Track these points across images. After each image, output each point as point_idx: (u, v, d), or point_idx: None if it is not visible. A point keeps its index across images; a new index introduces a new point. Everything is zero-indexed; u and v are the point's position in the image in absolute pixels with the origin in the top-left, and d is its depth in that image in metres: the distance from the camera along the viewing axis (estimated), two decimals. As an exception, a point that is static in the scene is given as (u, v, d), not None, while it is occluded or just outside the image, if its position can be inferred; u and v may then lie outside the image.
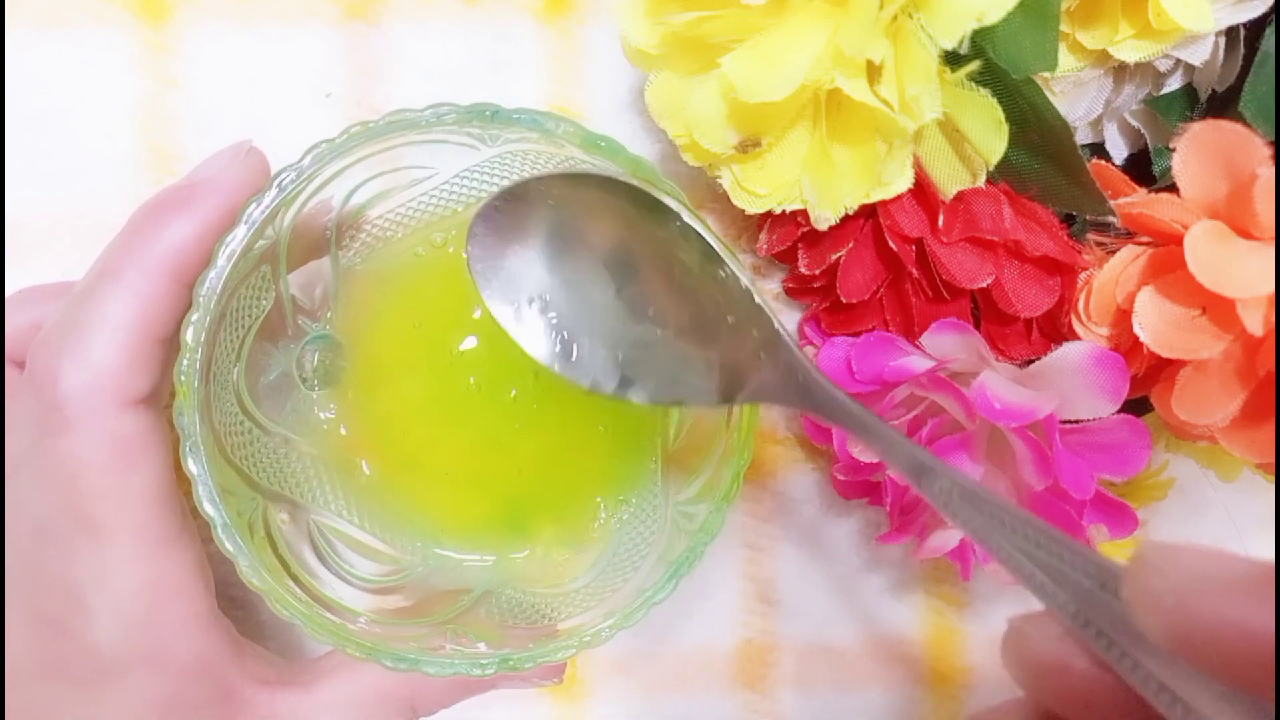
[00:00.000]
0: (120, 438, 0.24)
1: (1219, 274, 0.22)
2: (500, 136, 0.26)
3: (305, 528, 0.28)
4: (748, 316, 0.24)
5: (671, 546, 0.27)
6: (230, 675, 0.26)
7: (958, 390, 0.25)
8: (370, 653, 0.25)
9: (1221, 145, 0.23)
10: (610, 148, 0.25)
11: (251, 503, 0.27)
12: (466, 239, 0.26)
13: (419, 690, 0.28)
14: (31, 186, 0.31)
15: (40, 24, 0.31)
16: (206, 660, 0.26)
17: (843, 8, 0.23)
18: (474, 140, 0.27)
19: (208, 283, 0.24)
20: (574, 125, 0.25)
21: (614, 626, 0.26)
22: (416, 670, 0.25)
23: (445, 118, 0.25)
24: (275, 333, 0.28)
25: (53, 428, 0.24)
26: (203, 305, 0.24)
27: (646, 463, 0.30)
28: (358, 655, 0.25)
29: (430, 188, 0.28)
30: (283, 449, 0.28)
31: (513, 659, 0.26)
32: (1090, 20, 0.26)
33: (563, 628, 0.27)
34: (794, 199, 0.27)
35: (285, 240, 0.26)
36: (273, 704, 0.27)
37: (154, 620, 0.25)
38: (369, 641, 0.25)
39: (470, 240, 0.26)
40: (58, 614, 0.24)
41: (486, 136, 0.26)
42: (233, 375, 0.27)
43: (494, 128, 0.26)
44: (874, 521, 0.34)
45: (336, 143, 0.25)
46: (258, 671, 0.27)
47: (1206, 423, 0.24)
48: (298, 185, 0.25)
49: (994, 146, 0.25)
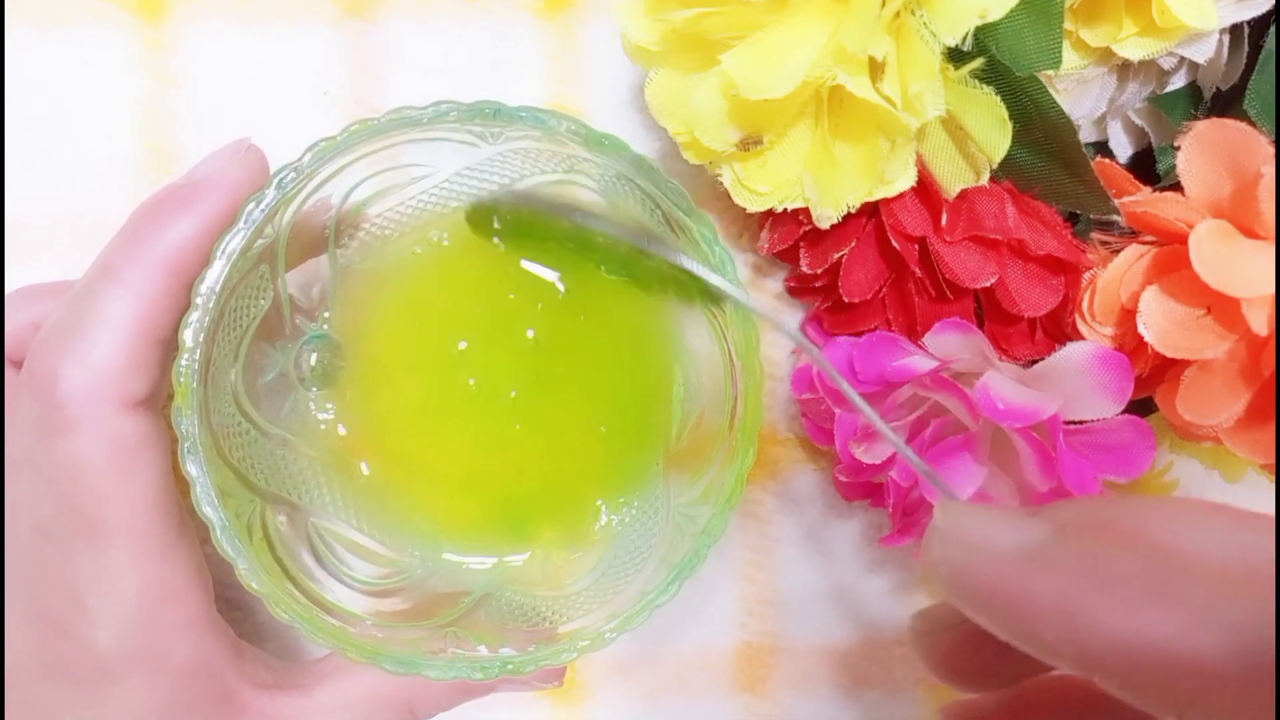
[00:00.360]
0: (120, 439, 0.24)
1: (1224, 273, 0.22)
2: (501, 134, 0.26)
3: (304, 530, 0.28)
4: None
5: (673, 549, 0.27)
6: (229, 678, 0.26)
7: (961, 390, 0.25)
8: (370, 656, 0.25)
9: (1226, 144, 0.23)
10: (613, 145, 0.25)
11: (250, 505, 0.27)
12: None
13: (418, 694, 0.28)
14: (31, 186, 0.31)
15: (40, 24, 0.31)
16: (205, 663, 0.26)
17: (845, 4, 0.23)
18: (474, 138, 0.27)
19: (206, 282, 0.24)
20: (576, 123, 0.25)
21: (615, 629, 0.26)
22: (417, 673, 0.25)
23: (447, 115, 0.25)
24: (273, 332, 0.28)
25: (53, 428, 0.24)
26: (201, 305, 0.24)
27: (648, 464, 0.30)
28: (357, 658, 0.25)
29: (429, 185, 0.28)
30: (280, 450, 0.28)
31: (514, 662, 0.25)
32: (1094, 18, 0.26)
33: (563, 630, 0.27)
34: (796, 197, 0.27)
35: (284, 239, 0.26)
36: (272, 707, 0.27)
37: (153, 623, 0.25)
38: (369, 644, 0.25)
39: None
40: (57, 614, 0.24)
41: (488, 134, 0.26)
42: (230, 376, 0.27)
43: (496, 125, 0.26)
44: (876, 523, 0.34)
45: (338, 140, 0.25)
46: (256, 675, 0.27)
47: (1211, 423, 0.24)
48: (298, 184, 0.25)
49: (997, 144, 0.25)
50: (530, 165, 0.28)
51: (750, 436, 0.26)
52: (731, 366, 0.27)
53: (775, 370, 0.33)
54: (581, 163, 0.27)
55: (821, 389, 0.28)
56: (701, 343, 0.28)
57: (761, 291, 0.33)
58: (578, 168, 0.28)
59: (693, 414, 0.29)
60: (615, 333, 0.29)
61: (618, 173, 0.26)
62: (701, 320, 0.28)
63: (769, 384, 0.33)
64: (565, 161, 0.27)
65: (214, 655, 0.26)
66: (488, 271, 0.28)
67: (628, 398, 0.29)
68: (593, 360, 0.29)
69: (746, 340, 0.26)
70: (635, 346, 0.29)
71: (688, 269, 0.25)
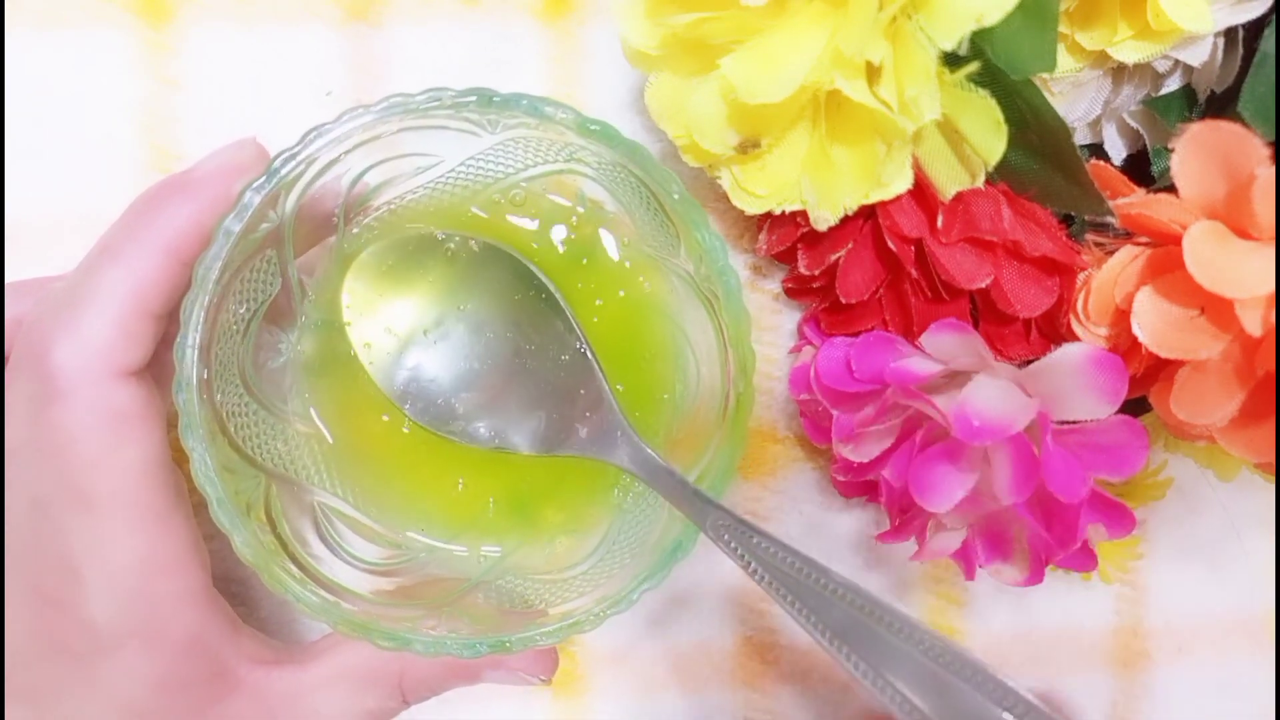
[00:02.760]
0: (112, 408, 0.24)
1: (1217, 274, 0.22)
2: (499, 122, 0.27)
3: (310, 509, 0.29)
4: (583, 377, 0.28)
5: (667, 536, 0.27)
6: (225, 653, 0.26)
7: (933, 404, 0.25)
8: (362, 630, 0.25)
9: (1220, 146, 0.23)
10: (603, 131, 0.25)
11: (253, 481, 0.27)
12: (347, 280, 0.28)
13: (408, 672, 0.28)
14: (33, 186, 0.31)
15: (40, 24, 0.31)
16: (201, 637, 0.26)
17: (842, 9, 0.23)
18: (474, 126, 0.27)
19: (205, 262, 0.25)
20: (567, 109, 0.25)
21: (605, 611, 0.26)
22: (406, 649, 0.25)
23: (440, 101, 0.25)
24: (282, 316, 0.28)
25: (45, 399, 0.24)
26: (199, 284, 0.24)
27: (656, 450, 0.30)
28: (348, 633, 0.25)
29: (436, 175, 0.29)
30: (287, 431, 0.29)
31: (506, 640, 0.26)
32: (1089, 21, 0.26)
33: (554, 612, 0.27)
34: (793, 200, 0.27)
35: (290, 225, 0.27)
36: (265, 681, 0.27)
37: (147, 594, 0.25)
38: (361, 620, 0.26)
39: (351, 278, 0.28)
40: (53, 589, 0.24)
41: (485, 122, 0.27)
42: (237, 356, 0.27)
43: (491, 112, 0.26)
44: (874, 520, 0.34)
45: (332, 126, 0.25)
46: (252, 650, 0.27)
47: (1205, 423, 0.24)
48: (295, 169, 0.25)
49: (993, 147, 0.25)
50: (533, 155, 0.28)
51: (740, 429, 0.27)
52: (726, 356, 0.27)
53: (774, 370, 0.33)
54: (580, 150, 0.28)
55: (819, 391, 0.28)
56: (701, 334, 0.29)
57: (760, 292, 0.33)
58: (576, 155, 0.28)
59: (692, 402, 0.30)
60: (624, 320, 0.30)
61: (613, 160, 0.27)
62: (701, 311, 0.28)
63: (768, 384, 0.33)
64: (564, 150, 0.28)
65: (210, 629, 0.26)
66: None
67: (636, 381, 0.30)
68: (601, 346, 0.29)
69: (737, 329, 0.26)
70: (645, 333, 0.30)
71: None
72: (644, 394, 0.30)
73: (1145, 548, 0.35)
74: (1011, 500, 0.25)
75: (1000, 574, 0.29)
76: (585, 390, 0.28)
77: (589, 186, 0.29)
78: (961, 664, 0.18)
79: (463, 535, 0.30)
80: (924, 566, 0.34)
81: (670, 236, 0.28)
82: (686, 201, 0.26)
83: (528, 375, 0.29)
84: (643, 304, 0.30)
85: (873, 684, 0.19)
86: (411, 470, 0.30)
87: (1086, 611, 0.35)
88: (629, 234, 0.29)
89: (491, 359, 0.29)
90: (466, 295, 0.29)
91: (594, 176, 0.28)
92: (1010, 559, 0.28)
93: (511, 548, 0.30)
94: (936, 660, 0.19)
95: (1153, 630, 0.35)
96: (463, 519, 0.30)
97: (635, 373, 0.30)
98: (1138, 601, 0.35)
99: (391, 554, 0.29)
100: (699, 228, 0.26)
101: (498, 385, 0.29)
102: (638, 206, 0.28)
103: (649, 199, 0.27)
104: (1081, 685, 0.35)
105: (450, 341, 0.29)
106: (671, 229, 0.27)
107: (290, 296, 0.28)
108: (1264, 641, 0.35)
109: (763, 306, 0.33)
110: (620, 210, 0.29)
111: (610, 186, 0.29)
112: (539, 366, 0.28)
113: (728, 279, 0.26)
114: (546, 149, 0.28)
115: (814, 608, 0.21)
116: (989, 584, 0.34)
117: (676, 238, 0.27)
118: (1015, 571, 0.28)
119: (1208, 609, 0.35)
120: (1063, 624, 0.35)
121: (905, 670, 0.19)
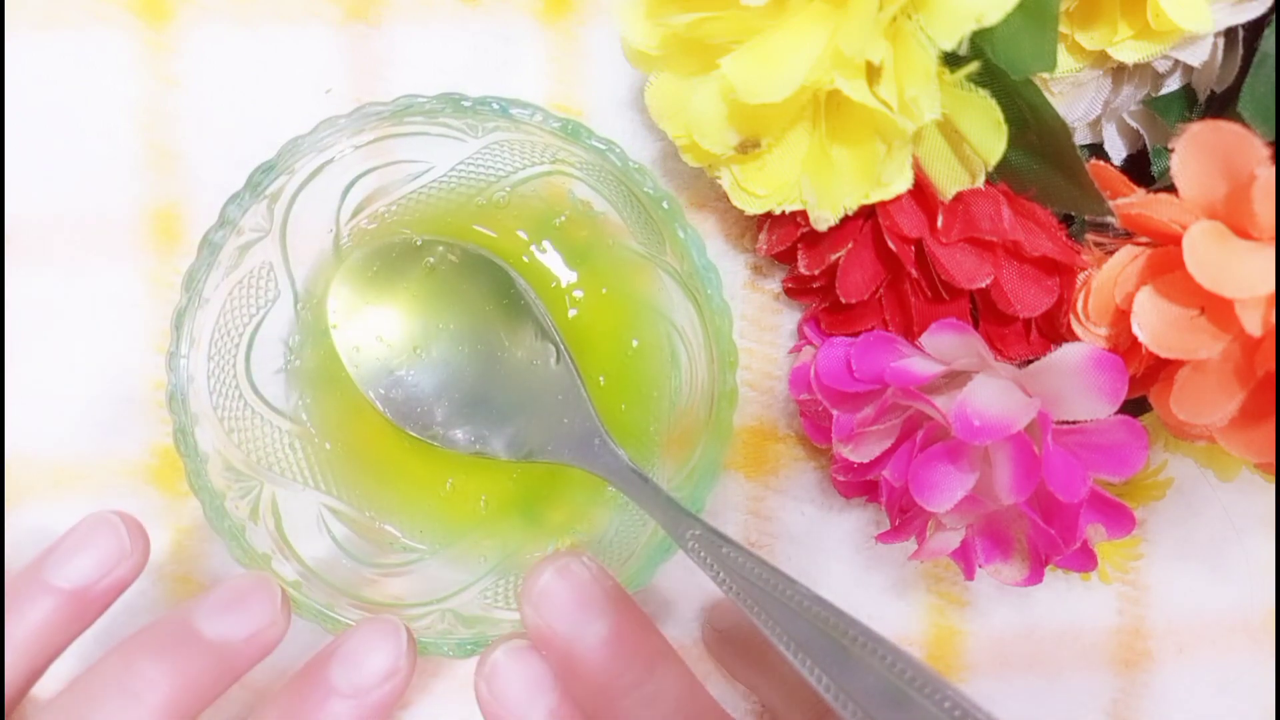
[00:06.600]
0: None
1: (1217, 274, 0.22)
2: (479, 126, 0.27)
3: (310, 511, 0.29)
4: (561, 384, 0.28)
5: (658, 532, 0.27)
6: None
7: (933, 404, 0.25)
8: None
9: (1220, 145, 0.23)
10: (573, 129, 0.26)
11: (253, 484, 0.27)
12: (332, 285, 0.28)
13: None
14: (32, 186, 0.31)
15: (40, 24, 0.31)
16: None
17: (842, 9, 0.23)
18: (457, 131, 0.27)
19: (193, 274, 0.25)
20: (539, 111, 0.26)
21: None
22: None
23: (412, 107, 0.25)
24: (282, 324, 0.28)
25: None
26: (190, 295, 0.25)
27: (650, 447, 0.30)
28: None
29: (428, 181, 0.29)
30: (288, 436, 0.29)
31: (489, 636, 0.26)
32: (1089, 21, 0.26)
33: None
34: (793, 199, 0.27)
35: (284, 235, 0.27)
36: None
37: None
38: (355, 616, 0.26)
39: (337, 284, 0.28)
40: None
41: (466, 127, 0.27)
42: (237, 363, 0.27)
43: (466, 116, 0.26)
44: (875, 520, 0.34)
45: (307, 137, 0.25)
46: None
47: (1205, 422, 0.24)
48: (271, 180, 0.25)
49: (993, 147, 0.25)
50: (520, 157, 0.28)
51: (724, 426, 0.27)
52: (713, 353, 0.27)
53: (774, 370, 0.33)
54: (561, 151, 0.28)
55: (819, 391, 0.28)
56: (693, 331, 0.29)
57: (760, 292, 0.33)
58: (560, 156, 0.28)
59: (687, 400, 0.30)
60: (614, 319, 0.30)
61: (592, 159, 0.27)
62: (691, 308, 0.28)
63: (768, 384, 0.33)
64: (548, 151, 0.28)
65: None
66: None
67: (627, 380, 0.30)
68: (591, 345, 0.29)
69: (719, 324, 0.26)
70: (635, 331, 0.30)
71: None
72: (635, 392, 0.30)
73: (1145, 548, 0.35)
74: (1012, 500, 0.25)
75: (1000, 574, 0.29)
76: (563, 397, 0.28)
77: (579, 188, 0.29)
78: (924, 680, 0.18)
79: (462, 536, 0.30)
80: (924, 566, 0.34)
81: (657, 234, 0.28)
82: (662, 196, 0.26)
83: (506, 382, 0.29)
84: (634, 302, 0.30)
85: (834, 698, 0.19)
86: (404, 471, 0.30)
87: (1087, 611, 0.35)
88: (619, 232, 0.29)
89: (471, 366, 0.29)
90: (447, 303, 0.29)
91: (580, 177, 0.29)
92: (1010, 559, 0.28)
93: (513, 548, 0.30)
94: (899, 676, 0.19)
95: (1153, 630, 0.35)
96: (458, 519, 0.30)
97: (626, 371, 0.30)
98: (1138, 601, 0.35)
99: (391, 555, 0.29)
100: (677, 223, 0.26)
101: (476, 392, 0.29)
102: (623, 204, 0.28)
103: (630, 196, 0.27)
104: (1082, 685, 0.35)
105: (430, 348, 0.29)
106: (656, 226, 0.27)
107: (289, 304, 0.28)
108: (1264, 641, 0.35)
109: (763, 306, 0.33)
110: (609, 209, 0.29)
111: (597, 186, 0.29)
112: (517, 374, 0.28)
113: (708, 274, 0.26)
114: (531, 151, 0.28)
115: (779, 619, 0.21)
116: (989, 584, 0.34)
117: (662, 235, 0.28)
118: (1015, 571, 0.28)
119: (1208, 609, 0.35)
120: (1063, 624, 0.35)
121: (866, 684, 0.19)
